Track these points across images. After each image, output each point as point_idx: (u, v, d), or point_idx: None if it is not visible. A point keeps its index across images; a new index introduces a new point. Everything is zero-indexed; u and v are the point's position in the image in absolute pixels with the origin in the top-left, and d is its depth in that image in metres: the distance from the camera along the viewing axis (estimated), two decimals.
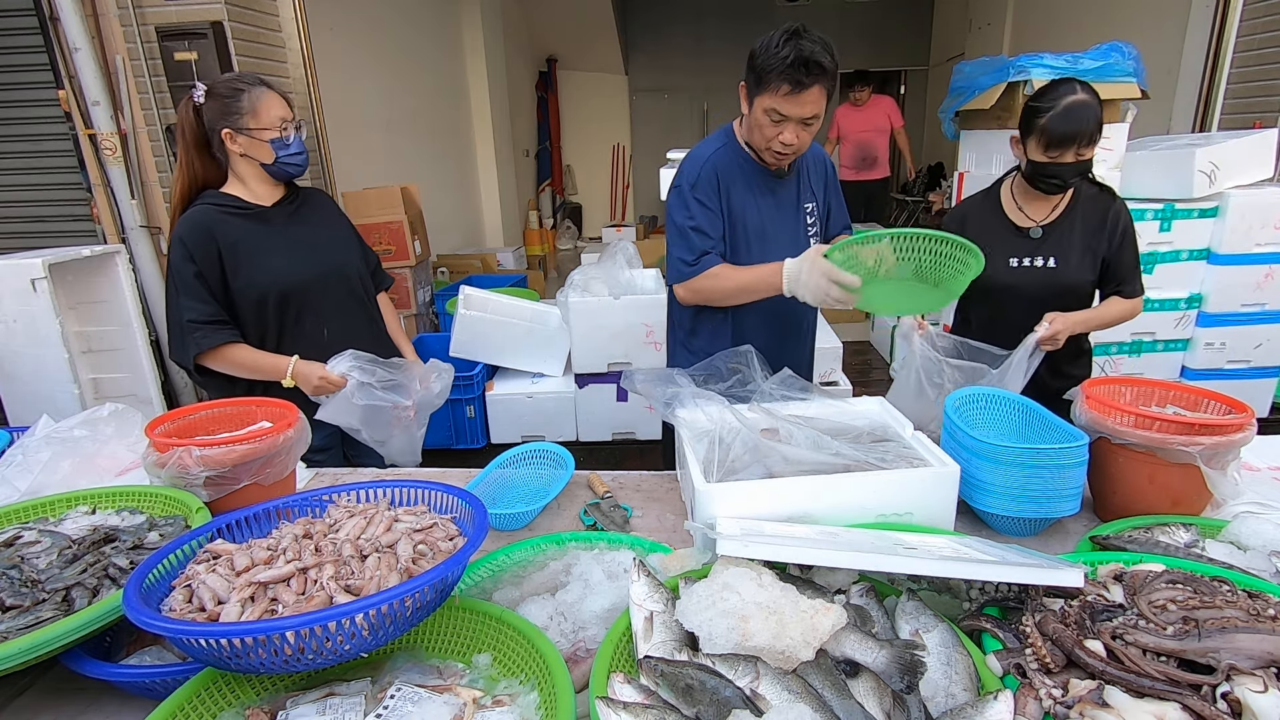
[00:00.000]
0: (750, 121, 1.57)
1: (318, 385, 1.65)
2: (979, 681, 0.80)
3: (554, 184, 9.27)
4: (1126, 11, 4.91)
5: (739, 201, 1.66)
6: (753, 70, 1.50)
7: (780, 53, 1.42)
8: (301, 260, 1.73)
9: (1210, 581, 0.89)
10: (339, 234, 1.85)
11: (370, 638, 0.79)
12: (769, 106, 1.48)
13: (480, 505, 0.99)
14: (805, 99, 1.45)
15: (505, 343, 3.58)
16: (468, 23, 6.69)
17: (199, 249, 1.62)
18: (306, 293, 1.73)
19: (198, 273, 1.62)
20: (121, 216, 3.44)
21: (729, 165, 1.65)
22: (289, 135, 1.64)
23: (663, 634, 0.86)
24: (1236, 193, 2.99)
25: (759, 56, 1.47)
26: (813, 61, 1.41)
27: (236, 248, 1.65)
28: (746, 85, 1.55)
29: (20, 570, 0.99)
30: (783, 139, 1.53)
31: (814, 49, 1.42)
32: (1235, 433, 1.15)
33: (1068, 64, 2.74)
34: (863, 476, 1.16)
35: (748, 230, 1.67)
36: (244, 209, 1.69)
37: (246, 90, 1.60)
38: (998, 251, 1.74)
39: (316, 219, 1.81)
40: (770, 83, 1.45)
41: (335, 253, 1.81)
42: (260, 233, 1.69)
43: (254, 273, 1.66)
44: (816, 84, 1.44)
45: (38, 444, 1.43)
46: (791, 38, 1.42)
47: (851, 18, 9.08)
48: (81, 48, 3.15)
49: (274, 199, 1.74)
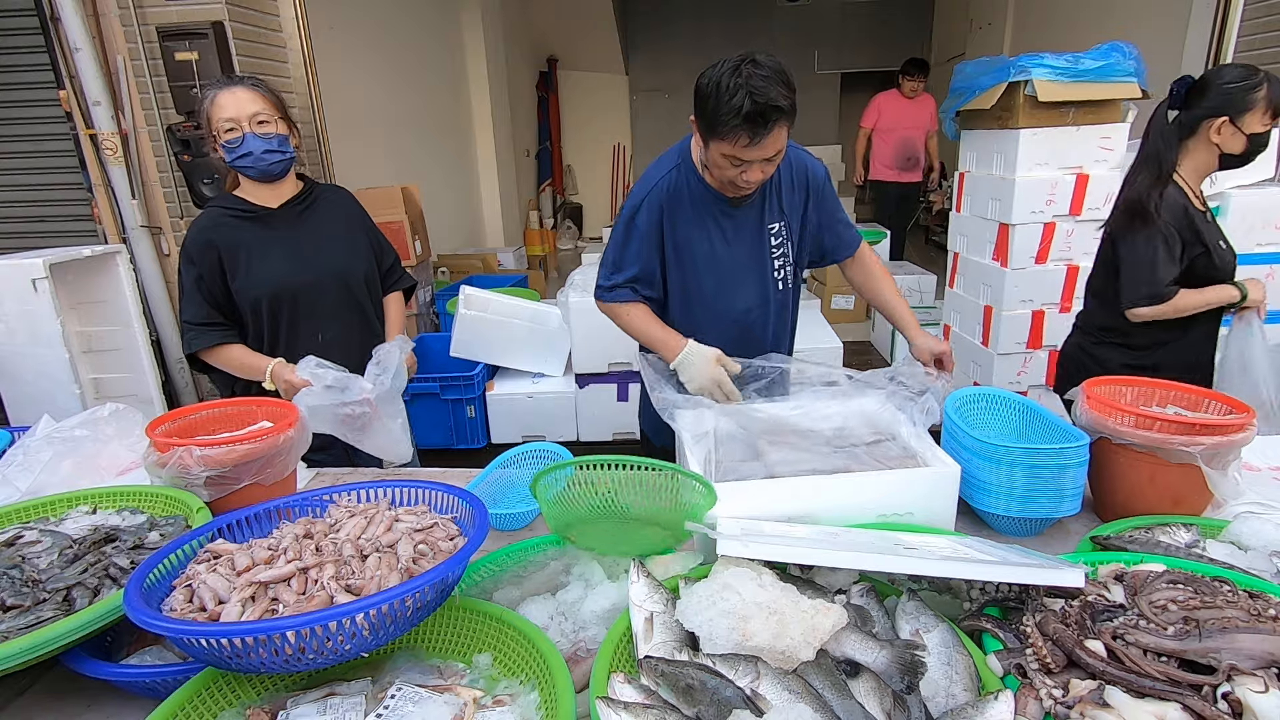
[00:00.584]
0: (707, 159, 1.44)
1: (285, 387, 1.64)
2: (979, 682, 0.80)
3: (554, 184, 9.27)
4: (1127, 11, 4.90)
5: (684, 232, 1.55)
6: (704, 116, 1.35)
7: (733, 101, 1.27)
8: (298, 265, 1.73)
9: (1211, 582, 0.89)
10: (345, 236, 1.83)
11: (371, 637, 0.79)
12: (727, 153, 1.36)
13: (481, 505, 0.99)
14: (766, 144, 1.33)
15: (506, 343, 3.58)
16: (468, 22, 6.69)
17: (200, 253, 1.66)
18: (300, 297, 1.73)
19: (198, 276, 1.67)
20: (122, 216, 3.44)
21: (677, 191, 1.54)
22: (237, 135, 1.60)
23: (663, 634, 0.86)
24: (1237, 193, 2.99)
25: (709, 101, 1.31)
26: (770, 107, 1.28)
27: (237, 251, 1.67)
28: (698, 126, 1.40)
29: (21, 570, 0.99)
30: (746, 178, 1.41)
31: (769, 92, 1.27)
32: (1236, 433, 1.15)
33: (1069, 64, 2.74)
34: (863, 476, 1.16)
35: (696, 260, 1.57)
36: (247, 212, 1.71)
37: (205, 98, 1.62)
38: (1212, 237, 1.81)
39: (323, 221, 1.79)
40: (726, 134, 1.32)
41: (335, 257, 1.79)
42: (260, 236, 1.70)
43: (250, 276, 1.69)
44: (776, 126, 1.31)
45: (39, 444, 1.44)
46: (743, 80, 1.27)
47: (852, 17, 9.07)
48: (82, 48, 3.15)
49: (279, 200, 1.73)
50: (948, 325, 3.64)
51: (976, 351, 3.33)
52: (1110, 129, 2.86)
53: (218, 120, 1.60)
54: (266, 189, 1.72)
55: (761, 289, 1.64)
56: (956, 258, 3.51)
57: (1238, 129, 1.70)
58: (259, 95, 1.63)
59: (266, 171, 1.67)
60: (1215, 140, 1.74)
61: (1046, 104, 2.78)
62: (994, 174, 3.08)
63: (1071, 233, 2.96)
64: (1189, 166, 1.81)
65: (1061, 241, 2.98)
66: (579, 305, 3.37)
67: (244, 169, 1.65)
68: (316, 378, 1.60)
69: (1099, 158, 2.89)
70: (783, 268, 1.65)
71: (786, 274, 1.66)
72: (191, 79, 3.20)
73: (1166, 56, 4.12)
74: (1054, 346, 3.13)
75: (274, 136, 1.64)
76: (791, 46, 9.08)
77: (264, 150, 1.62)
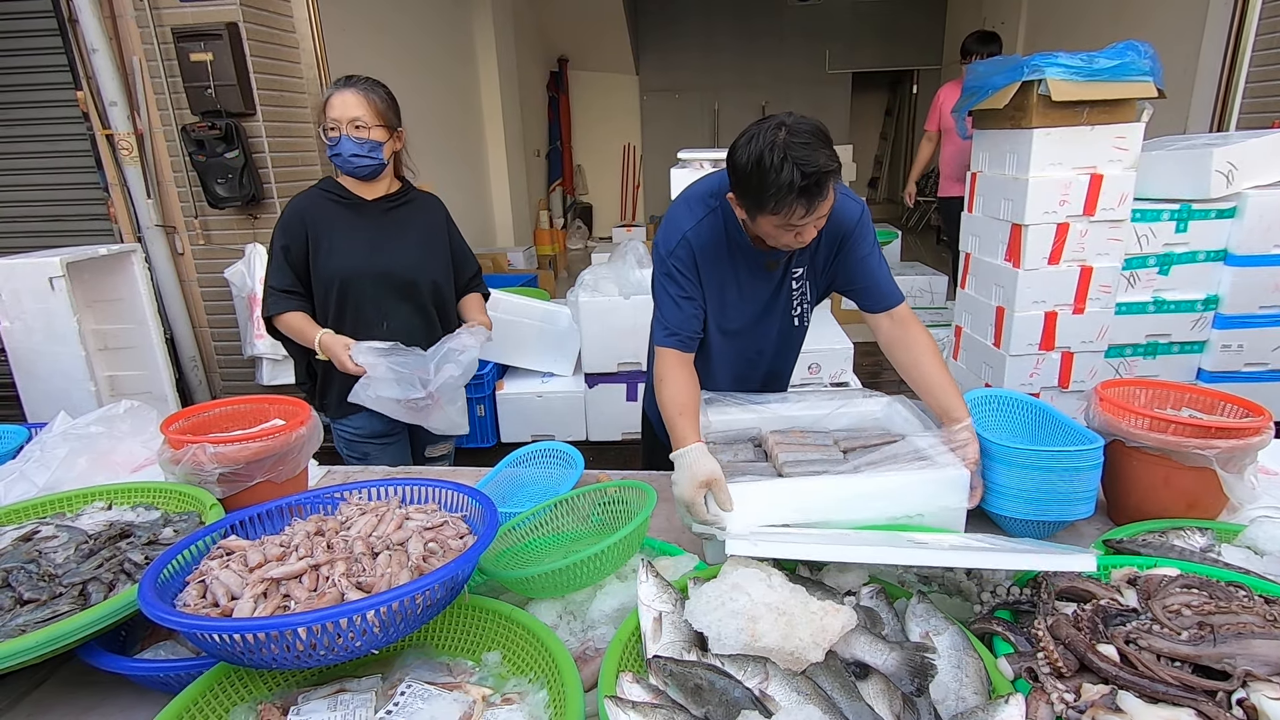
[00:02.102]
0: (755, 229, 1.35)
1: (340, 364, 1.73)
2: (990, 685, 0.79)
3: (564, 184, 9.29)
4: (1143, 10, 4.85)
5: (718, 275, 1.50)
6: (748, 194, 1.26)
7: (781, 178, 1.19)
8: (375, 255, 1.82)
9: (1226, 586, 0.88)
10: (426, 240, 1.91)
11: (381, 634, 0.80)
12: (779, 225, 1.27)
13: (490, 504, 1.00)
14: (820, 208, 1.25)
15: (515, 342, 3.59)
16: (479, 23, 6.71)
17: (290, 226, 1.79)
18: (370, 286, 1.82)
19: (285, 246, 1.79)
20: (137, 216, 3.48)
21: (715, 238, 1.48)
22: (335, 136, 1.72)
23: (671, 634, 0.86)
24: (1255, 193, 2.95)
25: (752, 179, 1.22)
26: (823, 174, 1.20)
27: (324, 230, 1.80)
28: (741, 203, 1.30)
29: (38, 564, 1.01)
30: (800, 239, 1.31)
31: (816, 159, 1.18)
32: (1252, 436, 1.13)
33: (1083, 63, 2.71)
34: (872, 478, 1.16)
35: (725, 301, 1.54)
36: (343, 198, 1.83)
37: (326, 95, 1.75)
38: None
39: (409, 221, 1.89)
40: (778, 209, 1.23)
41: (410, 260, 1.87)
42: (349, 222, 1.81)
43: (331, 256, 1.80)
44: (828, 191, 1.24)
45: (55, 440, 1.45)
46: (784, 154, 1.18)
47: (864, 17, 9.03)
48: (99, 49, 3.19)
49: (374, 194, 1.85)
50: (959, 326, 3.61)
51: (988, 353, 3.31)
52: (1125, 129, 2.82)
53: (327, 116, 1.73)
54: (361, 183, 1.83)
55: (778, 328, 1.63)
56: (968, 258, 3.48)
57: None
58: (364, 100, 1.74)
59: (353, 171, 1.78)
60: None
61: (1060, 103, 2.75)
62: (1007, 174, 3.05)
63: (1085, 233, 2.93)
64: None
65: (1075, 242, 2.95)
66: (589, 305, 3.37)
67: (341, 164, 1.77)
68: (373, 367, 1.69)
69: (1113, 158, 2.86)
70: (799, 305, 1.62)
71: (804, 311, 1.64)
72: (206, 80, 3.23)
73: (1183, 56, 4.08)
74: (1067, 348, 3.10)
75: (365, 142, 1.74)
76: (802, 46, 9.05)
77: (352, 153, 1.74)
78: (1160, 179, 3.08)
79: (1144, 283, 3.12)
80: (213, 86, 3.23)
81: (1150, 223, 3.01)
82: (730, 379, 1.65)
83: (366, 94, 1.75)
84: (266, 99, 3.40)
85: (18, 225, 3.69)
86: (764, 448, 1.35)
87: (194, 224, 3.52)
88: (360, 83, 1.76)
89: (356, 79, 1.76)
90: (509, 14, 7.20)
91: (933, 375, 1.37)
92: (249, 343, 3.54)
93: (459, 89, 6.53)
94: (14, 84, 3.47)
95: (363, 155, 1.75)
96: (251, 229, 3.53)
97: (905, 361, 1.44)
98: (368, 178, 1.81)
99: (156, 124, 3.39)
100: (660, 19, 9.19)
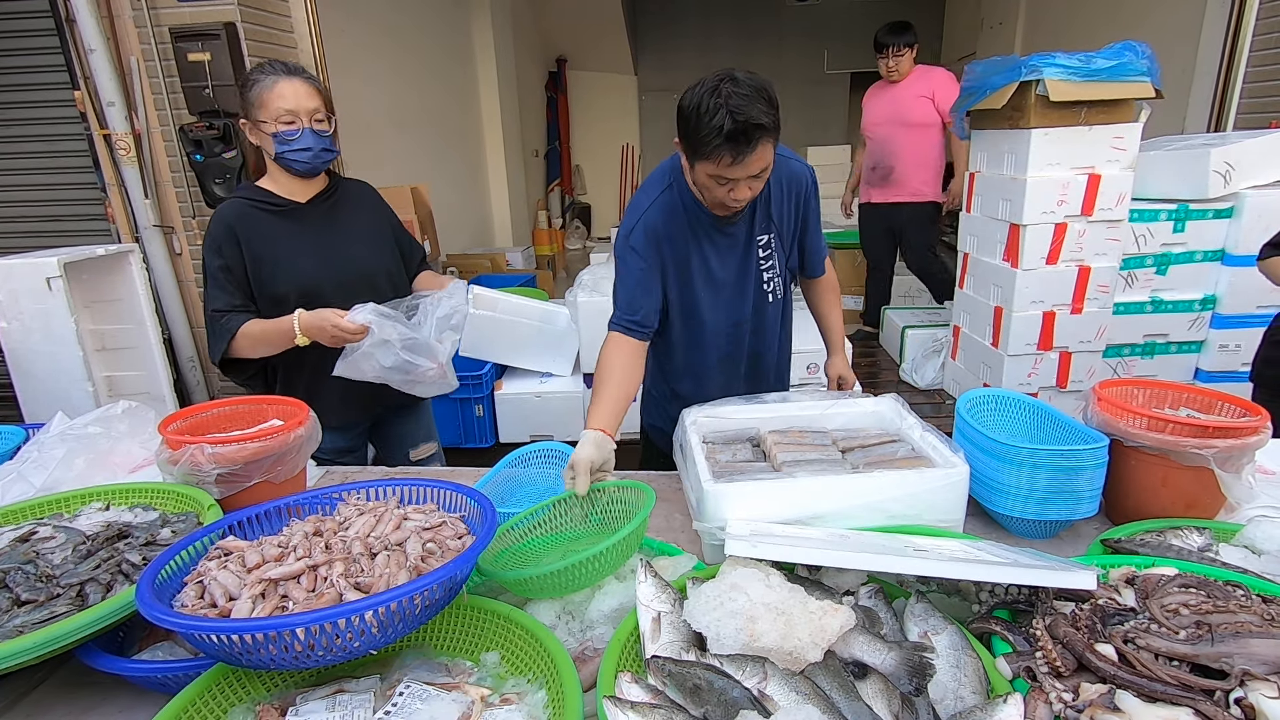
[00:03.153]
0: (694, 180, 1.43)
1: (334, 335, 1.54)
2: (988, 684, 0.79)
3: (563, 184, 9.29)
4: (1140, 10, 4.86)
5: (682, 250, 1.54)
6: (686, 137, 1.34)
7: (713, 121, 1.25)
8: (326, 263, 1.69)
9: (1224, 586, 0.89)
10: (372, 232, 1.79)
11: (379, 635, 0.80)
12: (712, 173, 1.34)
13: (489, 504, 1.00)
14: (750, 161, 1.30)
15: (514, 342, 3.59)
16: (478, 24, 6.71)
17: (224, 243, 1.62)
18: (328, 296, 1.67)
19: (223, 265, 1.62)
20: (135, 216, 3.47)
21: (672, 211, 1.52)
22: (295, 128, 1.57)
23: (670, 634, 0.86)
24: (1252, 193, 2.96)
25: (690, 122, 1.30)
26: (751, 126, 1.25)
27: (261, 245, 1.64)
28: (683, 148, 1.39)
29: (36, 565, 1.00)
30: (735, 195, 1.39)
31: (749, 110, 1.24)
32: (1250, 436, 1.14)
33: (1081, 63, 2.71)
34: (871, 477, 1.16)
35: (692, 277, 1.56)
36: (274, 205, 1.66)
37: (259, 80, 1.58)
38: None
39: (349, 216, 1.76)
40: (709, 154, 1.30)
41: (363, 255, 1.75)
42: (287, 231, 1.66)
43: (276, 272, 1.65)
44: (760, 143, 1.29)
45: (53, 441, 1.45)
46: (722, 100, 1.25)
47: (861, 17, 9.02)
48: (97, 49, 3.18)
49: (308, 194, 1.70)
50: (957, 326, 3.62)
51: (986, 353, 3.31)
52: (1123, 129, 2.83)
53: (274, 107, 1.56)
54: (298, 183, 1.69)
55: (752, 302, 1.62)
56: (966, 258, 3.49)
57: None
58: (316, 91, 1.61)
59: (315, 168, 1.65)
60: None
61: (1058, 104, 2.75)
62: (1005, 174, 3.06)
63: (1083, 233, 2.93)
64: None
65: (1073, 242, 2.95)
66: (587, 305, 3.37)
67: (293, 162, 1.61)
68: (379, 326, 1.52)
69: (1111, 158, 2.86)
70: (772, 279, 1.62)
71: (776, 285, 1.63)
72: (204, 80, 3.22)
73: (1180, 56, 4.09)
74: (1065, 348, 3.10)
75: (328, 135, 1.63)
76: (800, 46, 9.05)
77: (321, 148, 1.61)
78: (1158, 179, 3.09)
79: (1142, 283, 3.13)
80: (210, 86, 3.23)
81: (1148, 223, 3.02)
82: (716, 361, 1.65)
83: (313, 83, 1.60)
84: None
85: (15, 225, 3.68)
86: (762, 448, 1.35)
87: (192, 224, 3.52)
88: (303, 71, 1.61)
89: (293, 66, 1.61)
90: (507, 14, 7.20)
91: (829, 317, 1.80)
92: None
93: (457, 89, 6.53)
94: (11, 84, 3.47)
95: (328, 150, 1.62)
96: None
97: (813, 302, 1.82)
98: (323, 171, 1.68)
99: (154, 124, 3.38)
100: (659, 19, 9.19)
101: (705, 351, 1.65)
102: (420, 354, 1.59)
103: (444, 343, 1.63)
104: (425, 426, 2.01)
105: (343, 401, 1.74)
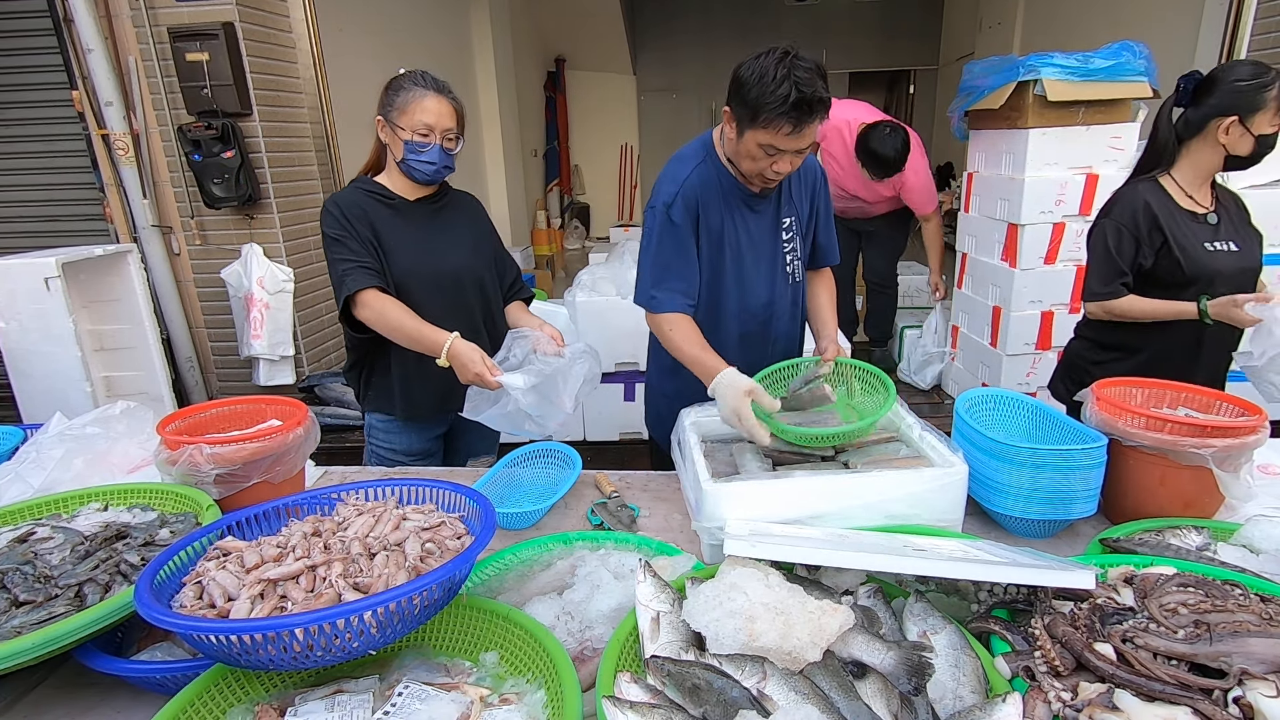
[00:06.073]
0: (739, 149, 1.46)
1: (474, 379, 1.54)
2: (987, 684, 0.79)
3: (562, 184, 9.28)
4: (1138, 10, 4.86)
5: (717, 222, 1.57)
6: (745, 104, 1.37)
7: (779, 90, 1.30)
8: (418, 260, 1.72)
9: (1222, 585, 0.89)
10: (471, 240, 1.84)
11: (378, 635, 0.80)
12: (765, 142, 1.39)
13: (488, 504, 1.00)
14: (805, 134, 1.37)
15: None
16: (477, 23, 6.70)
17: (356, 219, 1.66)
18: (420, 290, 1.71)
19: (345, 232, 1.65)
20: (133, 216, 3.47)
21: (707, 183, 1.55)
22: (428, 142, 1.63)
23: (669, 634, 0.86)
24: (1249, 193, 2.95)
25: (752, 89, 1.34)
26: (815, 99, 1.32)
27: (379, 231, 1.69)
28: (735, 115, 1.42)
29: (34, 566, 1.00)
30: (776, 168, 1.44)
31: (814, 84, 1.31)
32: (1248, 435, 1.14)
33: (1079, 63, 2.72)
34: (870, 477, 1.16)
35: (724, 250, 1.59)
36: (386, 198, 1.72)
37: (408, 89, 1.64)
38: (1191, 239, 1.72)
39: (450, 221, 1.81)
40: (769, 122, 1.34)
41: (456, 258, 1.78)
42: (395, 224, 1.72)
43: (386, 258, 1.69)
44: (818, 118, 1.36)
45: (51, 441, 1.45)
46: (787, 71, 1.30)
47: (860, 17, 9.04)
48: (95, 49, 3.18)
49: (417, 195, 1.76)
50: (956, 326, 3.62)
51: (985, 352, 3.31)
52: (1120, 128, 2.84)
53: (415, 119, 1.61)
54: (411, 185, 1.74)
55: (776, 282, 1.66)
56: (965, 258, 3.49)
57: (1246, 130, 1.63)
58: (455, 112, 1.67)
59: (433, 180, 1.72)
60: (1223, 140, 1.67)
61: (1056, 104, 2.76)
62: (1003, 174, 3.06)
63: (1081, 233, 2.93)
64: (1188, 165, 1.74)
65: (1071, 242, 2.96)
66: (586, 305, 3.37)
67: (416, 171, 1.67)
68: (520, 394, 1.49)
69: (1109, 158, 2.87)
70: (793, 261, 1.67)
71: (796, 267, 1.68)
72: (202, 80, 3.22)
73: (1178, 56, 4.09)
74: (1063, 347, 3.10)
75: (453, 154, 1.69)
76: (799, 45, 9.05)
77: (444, 165, 1.68)
78: None
79: None
80: (209, 86, 3.23)
81: None
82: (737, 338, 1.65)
83: (455, 104, 1.68)
84: (263, 99, 3.39)
85: (13, 225, 3.68)
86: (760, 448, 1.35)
87: (190, 224, 3.51)
88: (448, 90, 1.68)
89: (442, 83, 1.67)
90: (506, 14, 7.19)
91: (823, 310, 1.75)
92: (245, 343, 3.53)
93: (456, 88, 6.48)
94: (9, 84, 3.46)
95: (449, 167, 1.70)
96: (248, 229, 3.52)
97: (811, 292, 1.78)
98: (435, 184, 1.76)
99: (152, 124, 3.38)
100: (658, 18, 9.19)
101: (726, 332, 1.65)
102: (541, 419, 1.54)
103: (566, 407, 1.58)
104: (490, 440, 2.00)
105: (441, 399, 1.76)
